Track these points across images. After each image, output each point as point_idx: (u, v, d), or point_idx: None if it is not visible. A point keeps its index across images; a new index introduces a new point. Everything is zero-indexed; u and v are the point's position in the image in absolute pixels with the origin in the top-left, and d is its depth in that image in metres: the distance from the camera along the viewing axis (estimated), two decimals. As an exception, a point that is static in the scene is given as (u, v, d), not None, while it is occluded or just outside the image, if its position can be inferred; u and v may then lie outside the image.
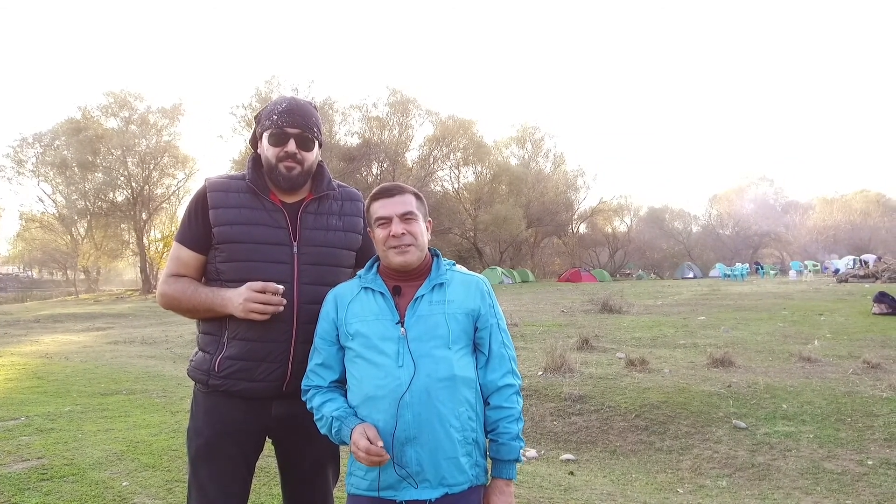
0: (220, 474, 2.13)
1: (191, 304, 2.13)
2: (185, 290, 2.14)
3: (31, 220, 48.91)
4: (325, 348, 2.04)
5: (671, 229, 66.28)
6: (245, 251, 2.11)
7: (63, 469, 4.42)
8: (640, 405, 6.38)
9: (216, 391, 2.14)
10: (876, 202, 62.96)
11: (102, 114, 45.40)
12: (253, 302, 2.02)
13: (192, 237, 2.16)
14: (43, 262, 58.26)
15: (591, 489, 4.70)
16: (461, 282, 2.04)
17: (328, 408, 1.96)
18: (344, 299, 2.03)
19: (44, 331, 18.08)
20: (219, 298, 2.09)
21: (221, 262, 2.14)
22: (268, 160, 2.15)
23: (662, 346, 10.07)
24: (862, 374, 7.39)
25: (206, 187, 2.18)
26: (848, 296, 18.14)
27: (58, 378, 8.49)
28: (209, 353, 2.16)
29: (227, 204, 2.14)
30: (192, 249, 2.17)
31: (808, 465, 5.15)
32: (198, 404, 2.22)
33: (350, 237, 2.27)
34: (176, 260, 2.19)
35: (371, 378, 1.92)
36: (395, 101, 45.88)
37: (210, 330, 2.18)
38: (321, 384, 2.03)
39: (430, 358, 1.91)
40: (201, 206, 2.15)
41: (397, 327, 1.94)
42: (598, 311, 15.91)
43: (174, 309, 2.20)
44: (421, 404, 1.87)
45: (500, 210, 47.32)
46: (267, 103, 2.22)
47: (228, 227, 2.11)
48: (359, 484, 1.97)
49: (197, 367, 2.20)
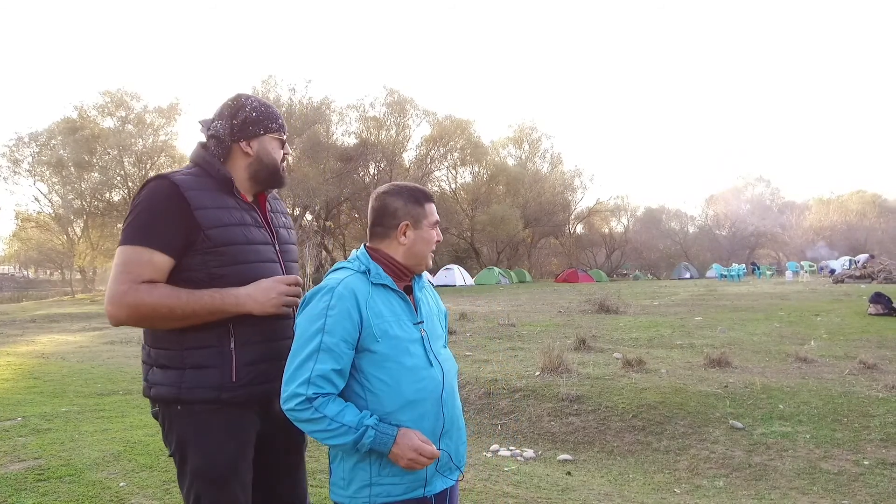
0: (243, 487, 2.03)
1: (189, 309, 1.93)
2: (176, 295, 1.93)
3: (27, 220, 48.73)
4: (346, 353, 1.86)
5: (668, 230, 66.35)
6: (244, 253, 2.03)
7: (60, 469, 4.41)
8: (637, 405, 6.39)
9: (231, 404, 1.99)
10: (872, 203, 63.11)
11: (99, 113, 45.23)
12: (287, 296, 2.03)
13: (168, 241, 1.95)
14: (39, 262, 58.09)
15: (589, 489, 4.71)
16: (428, 285, 2.18)
17: (351, 416, 1.82)
18: (363, 297, 1.90)
19: (40, 331, 18.03)
20: (231, 298, 1.96)
21: (217, 267, 1.99)
22: (273, 162, 2.15)
23: (659, 346, 10.09)
24: (858, 375, 7.41)
25: (176, 185, 1.98)
26: (844, 296, 18.19)
27: (54, 378, 8.47)
28: (211, 366, 1.99)
29: (208, 204, 2.00)
30: (167, 253, 1.95)
31: (805, 465, 5.17)
32: (202, 423, 2.00)
33: (292, 233, 2.32)
34: (147, 265, 1.94)
35: (410, 381, 1.88)
36: (392, 101, 45.83)
37: (204, 343, 1.99)
38: (333, 391, 1.85)
39: (443, 356, 2.04)
40: (178, 206, 1.96)
41: (418, 328, 1.98)
42: (595, 311, 15.93)
43: (153, 319, 1.95)
44: (451, 400, 2.00)
45: (498, 210, 47.32)
46: (245, 100, 2.15)
47: (223, 228, 2.00)
48: (392, 491, 1.88)
49: (196, 386, 1.98)
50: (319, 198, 39.83)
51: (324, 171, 41.25)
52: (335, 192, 41.80)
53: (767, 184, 67.48)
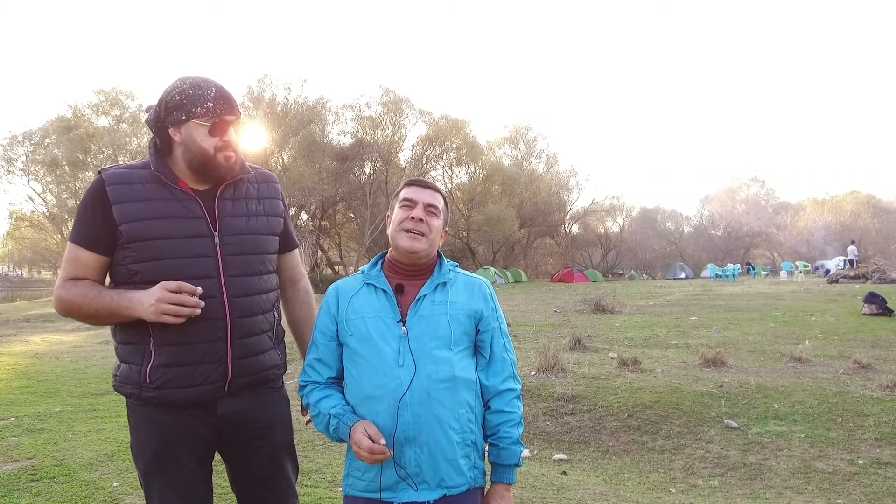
0: (175, 487, 1.99)
1: (92, 308, 1.93)
2: (85, 293, 1.93)
3: (21, 219, 48.55)
4: (323, 343, 2.00)
5: (663, 230, 66.50)
6: (160, 248, 1.92)
7: (53, 470, 4.39)
8: (633, 405, 6.40)
9: (151, 404, 1.98)
10: (866, 203, 63.34)
11: (93, 112, 45.07)
12: (166, 303, 1.83)
13: (90, 236, 1.95)
14: (33, 262, 57.92)
15: (584, 489, 4.71)
16: (464, 283, 2.02)
17: (326, 404, 1.93)
18: (345, 294, 2.00)
19: (34, 330, 17.95)
20: (125, 301, 1.90)
21: (134, 263, 1.94)
22: (202, 150, 1.95)
23: (654, 346, 10.10)
24: (852, 374, 7.43)
25: (102, 180, 1.96)
26: (838, 296, 18.25)
27: (48, 378, 8.43)
28: (134, 363, 1.98)
29: (131, 198, 1.94)
30: (91, 250, 1.96)
31: (800, 464, 5.18)
32: (135, 417, 2.05)
33: (272, 221, 2.15)
34: (73, 262, 1.97)
35: (370, 377, 1.89)
36: (387, 100, 45.75)
37: (131, 339, 1.99)
38: (318, 380, 2.00)
39: (431, 358, 1.88)
40: (100, 202, 1.94)
41: (399, 326, 1.91)
42: (590, 311, 15.93)
43: (73, 315, 1.99)
44: (421, 405, 1.85)
45: (493, 210, 47.31)
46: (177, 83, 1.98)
47: (138, 223, 1.92)
48: (356, 485, 1.93)
49: (124, 381, 2.01)
50: (315, 197, 39.81)
51: (319, 170, 41.20)
52: (331, 192, 41.77)
53: (762, 184, 67.66)
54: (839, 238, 53.24)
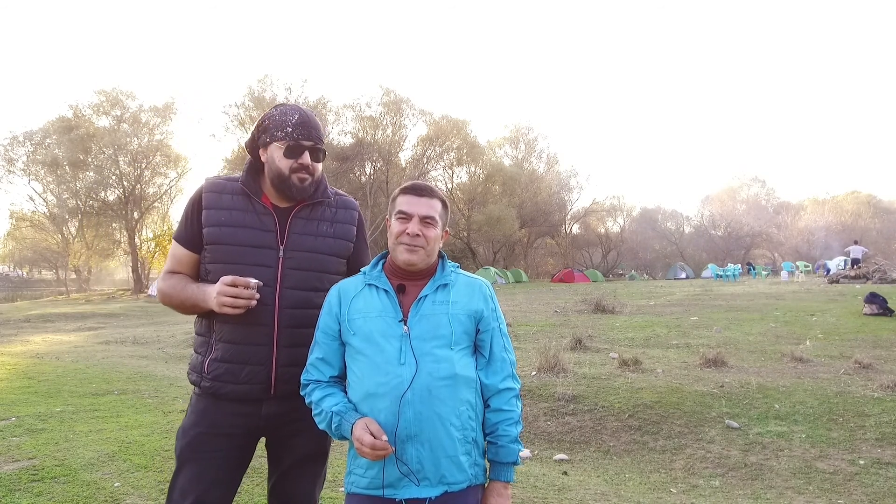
0: (201, 474, 2.12)
1: (179, 299, 2.18)
2: (174, 285, 2.19)
3: (22, 219, 48.54)
4: (325, 343, 2.04)
5: (664, 230, 66.43)
6: (229, 253, 2.15)
7: (54, 470, 4.39)
8: (634, 405, 6.40)
9: (207, 393, 2.18)
10: (867, 203, 63.30)
11: (94, 112, 45.06)
12: (224, 295, 2.03)
13: (186, 236, 2.21)
14: (33, 262, 57.94)
15: (585, 489, 4.71)
16: (465, 284, 2.06)
17: (328, 402, 1.96)
18: (347, 294, 2.04)
19: (34, 330, 17.96)
20: (200, 293, 2.13)
21: (209, 263, 2.18)
22: (279, 170, 2.16)
23: (655, 346, 10.10)
24: (853, 375, 7.43)
25: (203, 187, 2.23)
26: (839, 296, 18.24)
27: (49, 378, 8.43)
28: (200, 353, 2.21)
29: (219, 205, 2.18)
30: (186, 248, 2.22)
31: (801, 464, 5.18)
32: (193, 405, 2.25)
33: (340, 244, 2.29)
34: (172, 257, 2.25)
35: (372, 375, 1.92)
36: (388, 100, 45.76)
37: (201, 331, 2.23)
38: (321, 379, 2.03)
39: (432, 357, 1.92)
40: (195, 205, 2.21)
41: (400, 325, 1.95)
42: (591, 311, 15.92)
43: (169, 304, 2.24)
44: (422, 402, 1.88)
45: (494, 210, 47.31)
46: (271, 110, 2.22)
47: (217, 228, 2.16)
48: (358, 482, 1.96)
49: (192, 369, 2.24)
50: (315, 197, 39.74)
51: (320, 170, 41.17)
52: (331, 192, 41.71)
53: (763, 184, 67.62)
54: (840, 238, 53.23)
